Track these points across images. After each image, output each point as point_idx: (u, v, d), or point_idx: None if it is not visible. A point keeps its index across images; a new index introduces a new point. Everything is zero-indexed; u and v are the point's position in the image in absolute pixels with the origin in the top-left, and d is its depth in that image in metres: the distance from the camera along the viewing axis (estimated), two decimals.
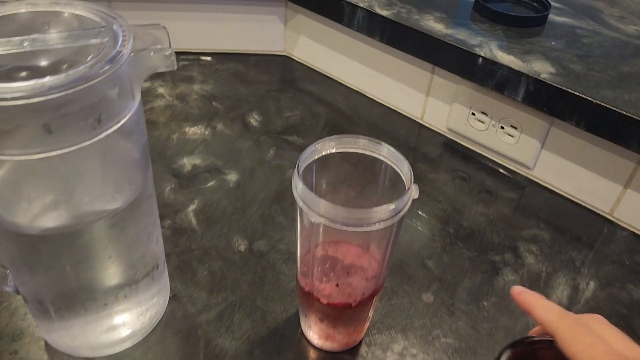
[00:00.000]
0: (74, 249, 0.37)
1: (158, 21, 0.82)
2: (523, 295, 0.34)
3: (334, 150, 0.41)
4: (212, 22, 0.84)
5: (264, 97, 0.79)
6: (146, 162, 0.40)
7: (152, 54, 0.35)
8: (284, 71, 0.87)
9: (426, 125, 0.76)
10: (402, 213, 0.37)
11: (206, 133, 0.71)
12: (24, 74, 0.32)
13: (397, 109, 0.79)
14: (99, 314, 0.42)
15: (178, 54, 0.88)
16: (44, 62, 0.32)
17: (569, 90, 0.57)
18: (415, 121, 0.77)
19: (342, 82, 0.84)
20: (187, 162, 0.66)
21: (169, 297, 0.50)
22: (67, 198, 0.35)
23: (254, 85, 0.82)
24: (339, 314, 0.43)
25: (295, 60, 0.88)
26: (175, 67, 0.35)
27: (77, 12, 0.35)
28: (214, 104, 0.77)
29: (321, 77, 0.85)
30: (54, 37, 0.33)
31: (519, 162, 0.68)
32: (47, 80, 0.28)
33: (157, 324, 0.48)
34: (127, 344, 0.46)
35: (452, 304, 0.52)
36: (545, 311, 0.33)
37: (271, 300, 0.51)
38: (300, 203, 0.37)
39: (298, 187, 0.37)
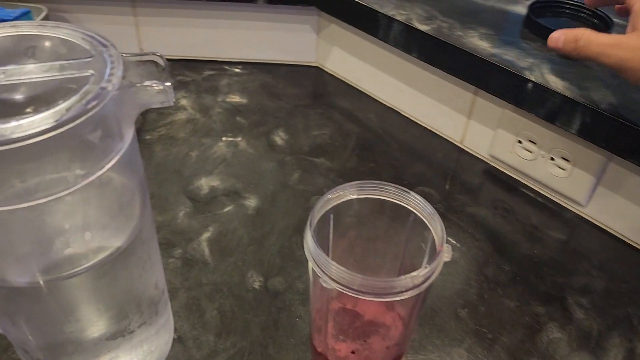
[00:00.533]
0: (56, 302, 0.33)
1: (186, 28, 0.79)
2: None
3: (354, 197, 0.35)
4: (241, 31, 0.80)
5: (292, 113, 0.74)
6: (142, 202, 0.35)
7: (147, 88, 0.30)
8: (315, 84, 0.81)
9: (466, 149, 0.70)
10: (430, 281, 0.31)
11: (227, 151, 0.66)
12: None
13: (434, 130, 0.72)
14: None
15: (205, 62, 0.84)
16: (18, 96, 0.28)
17: (632, 125, 0.50)
18: (454, 145, 0.71)
19: (376, 97, 0.78)
20: (205, 184, 0.62)
21: (174, 339, 0.46)
22: (44, 250, 0.30)
23: (283, 99, 0.77)
24: None
25: (327, 73, 0.83)
26: (172, 103, 0.30)
27: (65, 37, 0.31)
28: (238, 118, 0.72)
29: (354, 92, 0.80)
30: (32, 68, 0.28)
31: (569, 198, 0.61)
32: (11, 125, 0.24)
33: None
34: None
35: None
36: None
37: (284, 349, 0.46)
38: (311, 263, 0.32)
39: (309, 244, 0.31)
